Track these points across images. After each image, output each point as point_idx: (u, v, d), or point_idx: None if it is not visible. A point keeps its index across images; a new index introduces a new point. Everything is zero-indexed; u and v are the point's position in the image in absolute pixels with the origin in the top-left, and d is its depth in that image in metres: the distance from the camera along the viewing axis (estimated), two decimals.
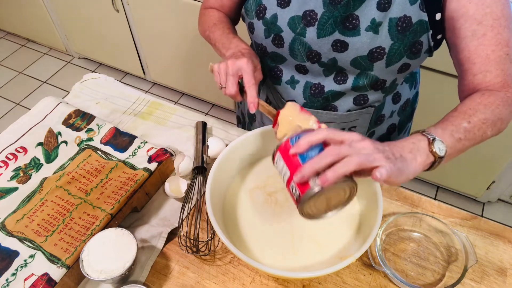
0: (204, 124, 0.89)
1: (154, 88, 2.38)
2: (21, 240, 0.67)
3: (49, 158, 0.82)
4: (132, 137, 0.84)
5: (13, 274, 0.64)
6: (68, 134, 0.86)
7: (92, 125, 0.87)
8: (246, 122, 1.02)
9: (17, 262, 0.65)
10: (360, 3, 0.66)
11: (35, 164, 0.81)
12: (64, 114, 0.89)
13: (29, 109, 0.92)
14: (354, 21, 0.67)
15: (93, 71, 2.10)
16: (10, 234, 0.68)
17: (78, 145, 0.84)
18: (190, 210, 0.76)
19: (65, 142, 0.85)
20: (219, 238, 0.73)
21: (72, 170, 0.77)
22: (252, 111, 0.67)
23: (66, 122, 0.88)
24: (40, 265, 0.64)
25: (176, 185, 0.77)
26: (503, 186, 1.66)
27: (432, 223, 0.71)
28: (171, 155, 0.81)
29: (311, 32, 0.70)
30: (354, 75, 0.73)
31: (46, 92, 2.37)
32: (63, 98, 0.98)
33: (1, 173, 0.79)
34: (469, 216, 0.76)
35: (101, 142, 0.84)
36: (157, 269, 0.70)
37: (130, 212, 0.75)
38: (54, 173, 0.79)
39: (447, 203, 0.80)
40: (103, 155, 0.81)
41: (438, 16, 0.65)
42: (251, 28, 0.77)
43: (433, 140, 0.55)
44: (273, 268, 0.58)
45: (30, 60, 2.58)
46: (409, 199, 0.78)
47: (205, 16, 0.88)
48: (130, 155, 0.81)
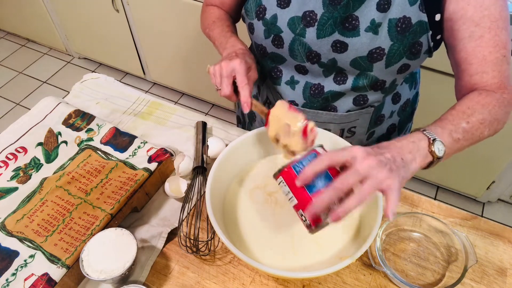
0: (204, 124, 0.89)
1: (154, 88, 2.38)
2: (21, 240, 0.67)
3: (49, 158, 0.82)
4: (132, 137, 0.84)
5: (13, 274, 0.64)
6: (68, 134, 0.86)
7: (92, 125, 0.87)
8: (246, 122, 1.02)
9: (17, 262, 0.65)
10: (359, 3, 0.66)
11: (35, 164, 0.81)
12: (64, 114, 0.89)
13: (29, 109, 0.92)
14: (353, 22, 0.67)
15: (93, 71, 2.10)
16: (10, 234, 0.68)
17: (78, 145, 0.84)
18: (190, 210, 0.76)
19: (65, 142, 0.85)
20: (219, 238, 0.73)
21: (72, 170, 0.77)
22: (246, 111, 0.67)
23: (66, 122, 0.88)
24: (40, 265, 0.64)
25: (176, 185, 0.77)
26: (503, 186, 1.66)
27: (432, 223, 0.71)
28: (171, 155, 0.81)
29: (310, 33, 0.70)
30: (354, 76, 0.73)
31: (46, 92, 2.37)
32: (63, 98, 0.98)
33: (1, 173, 0.79)
34: (469, 216, 0.76)
35: (101, 142, 0.84)
36: (157, 269, 0.70)
37: (130, 212, 0.75)
38: (54, 173, 0.79)
39: (447, 203, 0.80)
40: (103, 155, 0.81)
41: (437, 17, 0.65)
42: (251, 29, 0.77)
43: (434, 141, 0.55)
44: (273, 268, 0.57)
45: (30, 60, 2.58)
46: (409, 199, 0.78)
47: (206, 13, 0.88)
48: (130, 155, 0.81)
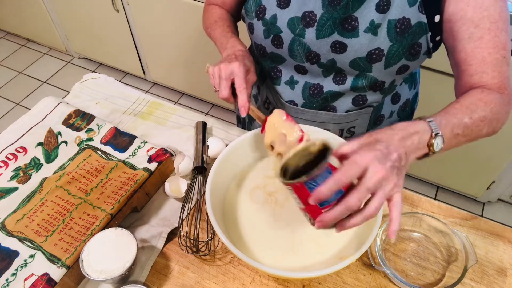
0: (204, 124, 0.89)
1: (154, 88, 2.38)
2: (21, 240, 0.67)
3: (49, 158, 0.82)
4: (132, 137, 0.84)
5: (13, 274, 0.64)
6: (68, 134, 0.86)
7: (92, 125, 0.87)
8: (246, 122, 1.02)
9: (17, 262, 0.65)
10: (359, 4, 0.66)
11: (35, 164, 0.81)
12: (64, 114, 0.89)
13: (29, 109, 0.92)
14: (353, 23, 0.67)
15: (93, 71, 2.10)
16: (10, 234, 0.68)
17: (78, 145, 0.84)
18: (190, 210, 0.76)
19: (65, 142, 0.85)
20: (219, 238, 0.73)
21: (72, 170, 0.77)
22: (243, 115, 0.68)
23: (66, 122, 0.88)
24: (40, 265, 0.64)
25: (176, 185, 0.77)
26: (503, 186, 1.65)
27: (432, 223, 0.71)
28: (171, 155, 0.81)
29: (310, 33, 0.70)
30: (353, 76, 0.73)
31: (46, 92, 2.37)
32: (63, 98, 0.98)
33: (1, 173, 0.79)
34: (469, 216, 0.76)
35: (101, 142, 0.84)
36: (157, 269, 0.70)
37: (130, 212, 0.75)
38: (54, 173, 0.79)
39: (447, 203, 0.80)
40: (103, 155, 0.81)
41: (437, 18, 0.65)
42: (251, 29, 0.77)
43: (436, 135, 0.55)
44: (273, 268, 0.57)
45: (30, 60, 2.58)
46: (409, 199, 0.78)
47: (207, 13, 0.88)
48: (130, 155, 0.81)
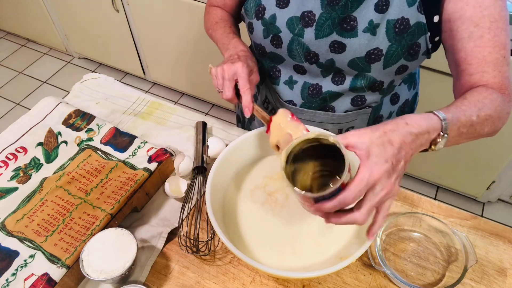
0: (204, 124, 0.89)
1: (154, 88, 2.38)
2: (21, 240, 0.67)
3: (49, 158, 0.82)
4: (132, 137, 0.84)
5: (13, 274, 0.64)
6: (68, 134, 0.86)
7: (92, 125, 0.87)
8: (245, 121, 1.02)
9: (17, 262, 0.65)
10: (358, 4, 0.65)
11: (35, 164, 0.81)
12: (64, 114, 0.89)
13: (29, 109, 0.92)
14: (351, 23, 0.67)
15: (93, 71, 2.10)
16: (10, 234, 0.68)
17: (78, 145, 0.84)
18: (190, 210, 0.76)
19: (65, 142, 0.85)
20: (219, 238, 0.73)
21: (72, 170, 0.77)
22: (247, 116, 0.68)
23: (66, 122, 0.88)
24: (40, 265, 0.64)
25: (176, 185, 0.77)
26: (503, 186, 1.65)
27: (432, 223, 0.71)
28: (171, 155, 0.81)
29: (309, 33, 0.70)
30: (352, 76, 0.73)
31: (46, 92, 2.37)
32: (63, 98, 0.98)
33: (1, 173, 0.79)
34: (469, 216, 0.76)
35: (101, 142, 0.84)
36: (157, 269, 0.70)
37: (130, 212, 0.75)
38: (54, 173, 0.79)
39: (447, 203, 0.80)
40: (103, 155, 0.81)
41: (436, 18, 0.65)
42: (250, 28, 0.77)
43: (443, 136, 0.54)
44: (273, 268, 0.58)
45: (30, 60, 2.58)
46: (409, 199, 0.78)
47: (209, 14, 0.88)
48: (130, 155, 0.81)
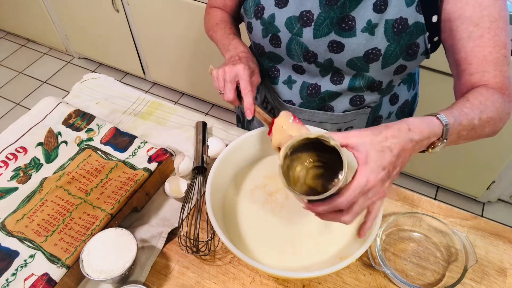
0: (204, 124, 0.89)
1: (154, 88, 2.38)
2: (21, 240, 0.67)
3: (49, 158, 0.82)
4: (132, 137, 0.84)
5: (13, 274, 0.64)
6: (68, 134, 0.86)
7: (92, 125, 0.87)
8: (245, 121, 1.02)
9: (17, 262, 0.65)
10: (356, 4, 0.65)
11: (35, 164, 0.81)
12: (64, 114, 0.89)
13: (29, 109, 0.92)
14: (350, 22, 0.66)
15: (93, 71, 2.10)
16: (10, 234, 0.68)
17: (78, 145, 0.84)
18: (190, 210, 0.76)
19: (65, 142, 0.85)
20: (219, 238, 0.73)
21: (72, 170, 0.77)
22: (249, 117, 0.67)
23: (66, 122, 0.88)
24: (40, 265, 0.64)
25: (176, 185, 0.77)
26: (503, 186, 1.65)
27: (432, 223, 0.71)
28: (171, 155, 0.81)
29: (307, 33, 0.70)
30: (350, 76, 0.73)
31: (46, 92, 2.37)
32: (63, 98, 0.98)
33: (1, 173, 0.79)
34: (469, 216, 0.76)
35: (101, 142, 0.84)
36: (157, 269, 0.70)
37: (130, 212, 0.75)
38: (54, 173, 0.79)
39: (447, 203, 0.80)
40: (103, 155, 0.81)
41: (434, 18, 0.65)
42: (249, 28, 0.77)
43: (442, 140, 0.54)
44: (273, 268, 0.58)
45: (30, 60, 2.58)
46: (409, 199, 0.78)
47: (209, 15, 0.88)
48: (130, 155, 0.81)
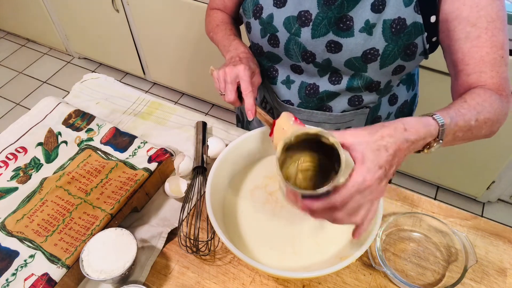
0: (204, 124, 0.89)
1: (154, 88, 2.38)
2: (21, 240, 0.67)
3: (49, 158, 0.82)
4: (132, 137, 0.84)
5: (13, 274, 0.64)
6: (68, 134, 0.86)
7: (92, 125, 0.87)
8: (245, 121, 1.02)
9: (17, 262, 0.65)
10: (354, 4, 0.65)
11: (35, 164, 0.81)
12: (64, 114, 0.89)
13: (29, 109, 0.92)
14: (348, 22, 0.66)
15: (93, 71, 2.10)
16: (10, 234, 0.68)
17: (78, 145, 0.84)
18: (190, 210, 0.76)
19: (65, 142, 0.85)
20: (219, 238, 0.73)
21: (72, 170, 0.77)
22: (250, 118, 0.67)
23: (66, 122, 0.88)
24: (40, 265, 0.64)
25: (176, 185, 0.77)
26: (503, 186, 1.65)
27: (432, 223, 0.71)
28: (171, 155, 0.81)
29: (305, 33, 0.70)
30: (349, 76, 0.73)
31: (46, 92, 2.37)
32: (63, 98, 0.98)
33: (1, 173, 0.79)
34: (469, 216, 0.76)
35: (101, 142, 0.84)
36: (157, 269, 0.70)
37: (130, 212, 0.75)
38: (54, 173, 0.79)
39: (447, 203, 0.80)
40: (103, 155, 0.81)
41: (433, 18, 0.65)
42: (248, 28, 0.77)
43: (438, 141, 0.54)
44: (273, 268, 0.58)
45: (30, 60, 2.58)
46: (409, 199, 0.78)
47: (210, 17, 0.88)
48: (130, 155, 0.81)
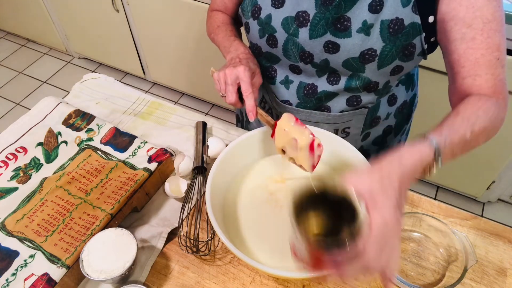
0: (204, 124, 0.89)
1: (154, 88, 2.38)
2: (21, 240, 0.67)
3: (49, 158, 0.82)
4: (132, 137, 0.84)
5: (13, 274, 0.64)
6: (68, 134, 0.86)
7: (92, 125, 0.87)
8: (244, 121, 1.02)
9: (17, 262, 0.65)
10: (351, 4, 0.65)
11: (35, 164, 0.81)
12: (64, 114, 0.89)
13: (29, 109, 0.92)
14: (345, 23, 0.66)
15: (93, 71, 2.10)
16: (10, 234, 0.68)
17: (78, 145, 0.84)
18: (190, 210, 0.76)
19: (65, 142, 0.85)
20: (219, 238, 0.73)
21: (72, 170, 0.77)
22: (251, 120, 0.67)
23: (66, 122, 0.88)
24: (40, 265, 0.64)
25: (176, 185, 0.77)
26: (503, 186, 1.65)
27: (432, 223, 0.71)
28: (171, 155, 0.81)
29: (303, 33, 0.70)
30: (347, 76, 0.73)
31: (46, 92, 2.37)
32: (63, 98, 0.98)
33: (1, 173, 0.79)
34: (469, 216, 0.76)
35: (101, 142, 0.84)
36: (157, 269, 0.70)
37: (130, 212, 0.75)
38: (54, 173, 0.79)
39: (447, 203, 0.80)
40: (103, 155, 0.81)
41: (431, 19, 0.65)
42: (247, 28, 0.77)
43: (436, 165, 0.53)
44: (273, 268, 0.58)
45: (30, 60, 2.58)
46: (409, 199, 0.78)
47: (211, 19, 0.88)
48: (130, 155, 0.81)
